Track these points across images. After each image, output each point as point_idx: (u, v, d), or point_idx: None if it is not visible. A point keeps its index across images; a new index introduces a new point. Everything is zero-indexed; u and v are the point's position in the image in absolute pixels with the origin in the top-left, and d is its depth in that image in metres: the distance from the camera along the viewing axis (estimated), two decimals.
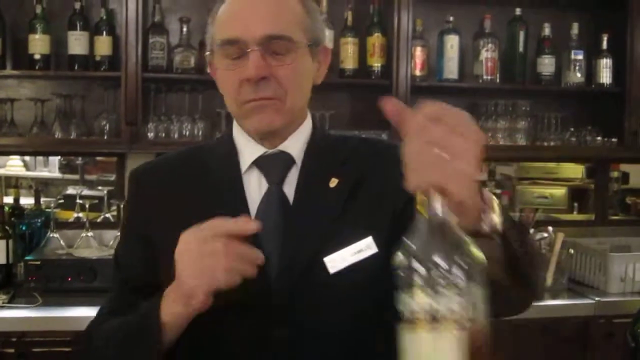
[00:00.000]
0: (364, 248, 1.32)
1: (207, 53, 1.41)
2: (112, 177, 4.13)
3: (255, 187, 1.37)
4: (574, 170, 4.81)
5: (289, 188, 1.37)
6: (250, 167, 1.38)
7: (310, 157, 1.40)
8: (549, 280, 3.16)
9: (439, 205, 0.82)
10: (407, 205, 1.28)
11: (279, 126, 1.35)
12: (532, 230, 3.34)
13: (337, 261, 1.31)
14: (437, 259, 0.79)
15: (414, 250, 0.81)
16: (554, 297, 3.11)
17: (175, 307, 1.21)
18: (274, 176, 1.37)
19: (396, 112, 0.91)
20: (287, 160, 1.38)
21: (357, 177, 1.38)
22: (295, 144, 1.40)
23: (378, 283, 1.21)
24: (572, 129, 3.50)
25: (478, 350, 0.80)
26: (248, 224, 1.15)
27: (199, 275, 1.15)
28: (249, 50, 1.29)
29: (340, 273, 1.31)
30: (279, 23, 1.31)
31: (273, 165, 1.38)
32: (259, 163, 1.38)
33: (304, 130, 1.42)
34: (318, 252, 1.32)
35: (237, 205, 1.34)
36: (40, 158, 4.82)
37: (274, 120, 1.33)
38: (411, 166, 0.86)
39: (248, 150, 1.39)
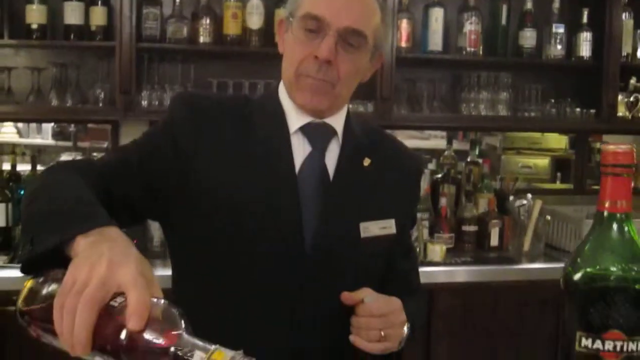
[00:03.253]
0: (387, 227, 1.57)
1: (285, 15, 1.53)
2: (105, 144, 4.26)
3: (299, 149, 1.51)
4: (558, 141, 4.95)
5: (329, 156, 1.54)
6: (296, 130, 1.52)
7: (349, 133, 1.57)
8: (526, 246, 3.34)
9: None
10: (413, 208, 1.77)
11: (323, 108, 1.51)
12: (511, 198, 3.52)
13: (368, 229, 1.53)
14: None
15: None
16: (531, 262, 3.30)
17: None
18: (318, 143, 1.53)
19: (349, 299, 1.45)
20: (330, 132, 1.55)
21: (383, 163, 1.60)
22: (338, 120, 1.56)
23: (384, 259, 1.59)
24: (552, 101, 3.66)
25: None
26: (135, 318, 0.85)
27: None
28: (329, 34, 1.43)
29: (367, 240, 1.53)
30: (363, 21, 1.46)
31: (318, 133, 1.53)
32: (305, 129, 1.52)
33: (344, 110, 1.58)
34: (354, 217, 1.52)
35: (285, 163, 1.49)
36: (33, 125, 4.93)
37: (321, 102, 1.49)
38: (360, 335, 1.44)
39: (295, 115, 1.52)
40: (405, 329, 1.50)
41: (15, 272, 2.79)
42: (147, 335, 0.85)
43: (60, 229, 1.05)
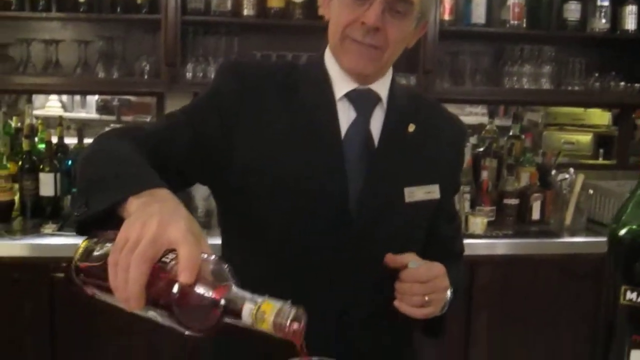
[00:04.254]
0: (432, 191, 1.59)
1: None
2: (148, 118, 4.34)
3: (344, 116, 1.54)
4: (601, 117, 4.92)
5: (373, 123, 1.56)
6: (341, 97, 1.54)
7: (393, 100, 1.59)
8: (568, 220, 3.35)
9: None
10: (457, 175, 1.76)
11: (370, 73, 1.53)
12: (553, 172, 3.52)
13: (413, 194, 1.55)
14: None
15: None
16: (572, 235, 3.31)
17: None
18: (363, 109, 1.55)
19: (393, 261, 1.47)
20: (375, 98, 1.56)
21: (427, 129, 1.62)
22: (383, 87, 1.58)
23: (428, 224, 1.61)
24: (596, 75, 3.64)
25: None
26: (186, 273, 0.91)
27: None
28: (376, 0, 1.44)
29: (411, 204, 1.55)
30: None
31: (363, 100, 1.55)
32: (350, 95, 1.54)
33: (388, 77, 1.60)
34: (399, 182, 1.54)
35: (331, 129, 1.52)
36: (77, 99, 5.03)
37: (368, 67, 1.50)
38: (404, 301, 1.46)
39: (340, 81, 1.54)
40: (449, 293, 1.52)
41: (64, 240, 2.91)
42: (198, 289, 0.90)
43: (113, 191, 1.10)
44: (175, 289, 0.90)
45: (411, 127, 1.59)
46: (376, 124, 1.56)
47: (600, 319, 1.12)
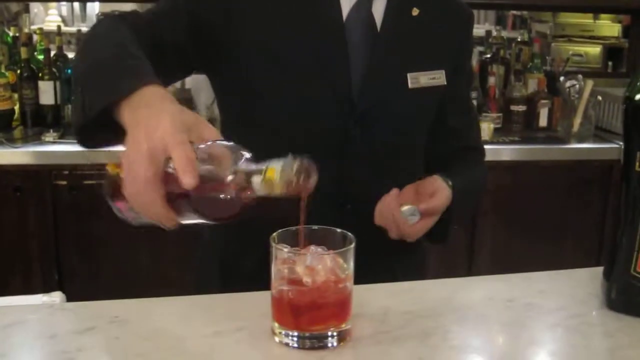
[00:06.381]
0: (437, 77, 1.51)
1: None
2: None
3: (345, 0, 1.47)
4: (610, 29, 4.81)
5: (376, 6, 1.48)
6: None
7: None
8: (576, 126, 3.29)
9: None
10: (465, 61, 1.66)
11: None
12: (562, 78, 3.44)
13: (416, 79, 1.48)
14: None
15: None
16: (580, 142, 3.25)
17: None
18: None
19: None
20: None
21: (432, 13, 1.53)
22: None
23: (433, 112, 1.54)
24: None
25: None
26: (186, 176, 0.89)
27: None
28: None
29: (415, 90, 1.48)
30: None
31: None
32: None
33: None
34: (402, 68, 1.48)
35: (332, 11, 1.45)
36: (77, 13, 4.93)
37: None
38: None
39: None
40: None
41: (65, 147, 2.87)
42: (207, 183, 0.88)
43: (104, 92, 1.06)
44: (188, 191, 0.89)
45: (415, 11, 1.51)
46: (379, 7, 1.48)
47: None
